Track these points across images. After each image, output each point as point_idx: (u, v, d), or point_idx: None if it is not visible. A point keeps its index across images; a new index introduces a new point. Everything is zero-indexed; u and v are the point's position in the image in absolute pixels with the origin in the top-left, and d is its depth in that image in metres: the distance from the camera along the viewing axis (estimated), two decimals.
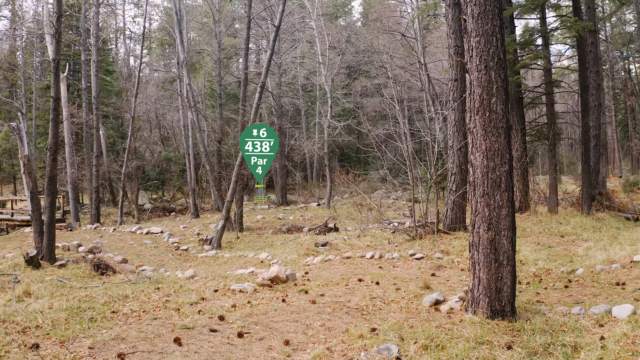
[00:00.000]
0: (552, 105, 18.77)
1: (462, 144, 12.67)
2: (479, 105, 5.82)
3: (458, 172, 12.58)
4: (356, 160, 44.65)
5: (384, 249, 11.32)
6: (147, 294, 8.02)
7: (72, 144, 21.71)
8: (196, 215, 22.52)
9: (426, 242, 11.42)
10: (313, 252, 13.53)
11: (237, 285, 7.91)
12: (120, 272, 13.11)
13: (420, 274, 8.94)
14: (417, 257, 10.04)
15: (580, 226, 15.00)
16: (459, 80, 12.96)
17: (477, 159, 5.79)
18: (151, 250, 15.39)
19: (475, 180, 5.80)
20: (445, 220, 12.59)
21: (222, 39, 24.18)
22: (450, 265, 9.50)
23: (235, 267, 12.58)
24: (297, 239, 16.43)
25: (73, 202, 21.87)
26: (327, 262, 10.76)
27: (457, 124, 12.78)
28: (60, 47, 14.66)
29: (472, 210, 5.86)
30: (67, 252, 15.49)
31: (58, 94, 14.41)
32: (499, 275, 5.73)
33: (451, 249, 10.69)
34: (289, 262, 12.26)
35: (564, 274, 9.20)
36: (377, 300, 6.76)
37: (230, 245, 16.21)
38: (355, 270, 9.56)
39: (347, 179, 22.48)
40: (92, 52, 20.59)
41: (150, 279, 11.01)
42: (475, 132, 5.82)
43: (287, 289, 7.86)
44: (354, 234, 16.93)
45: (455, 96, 12.89)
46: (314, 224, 20.02)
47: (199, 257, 14.65)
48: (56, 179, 14.69)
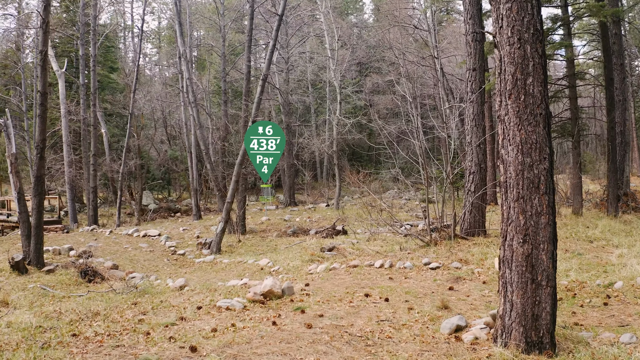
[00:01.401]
0: (575, 99, 17.48)
1: (481, 139, 11.49)
2: (512, 87, 4.68)
3: (477, 171, 11.39)
4: (367, 159, 43.49)
5: (394, 256, 10.19)
6: (121, 311, 6.99)
7: (69, 142, 20.83)
8: (198, 217, 21.52)
9: (442, 249, 10.26)
10: (318, 258, 12.44)
11: (224, 302, 6.84)
12: (109, 279, 12.14)
13: (436, 287, 7.79)
14: (432, 267, 8.90)
15: (609, 230, 13.77)
16: (477, 70, 11.78)
17: (509, 153, 4.65)
18: (146, 254, 14.40)
19: (507, 180, 4.66)
20: (463, 224, 11.41)
21: (226, 33, 23.18)
22: (470, 277, 8.35)
23: (232, 275, 11.54)
24: (302, 242, 15.36)
25: (71, 202, 20.99)
26: (331, 272, 9.66)
27: (476, 117, 11.59)
28: (47, 38, 13.70)
29: (503, 217, 4.72)
30: (58, 257, 14.57)
31: (45, 88, 13.44)
32: (537, 298, 4.59)
33: (470, 257, 9.53)
34: (290, 270, 11.20)
35: (601, 287, 8.02)
36: (386, 325, 5.64)
37: (231, 249, 15.17)
38: (362, 281, 8.45)
39: (357, 179, 21.37)
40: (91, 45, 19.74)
41: (137, 289, 10.05)
42: (508, 120, 4.68)
43: (282, 306, 6.78)
44: (364, 237, 15.82)
45: (473, 87, 11.70)
46: (322, 226, 18.92)
47: (196, 262, 13.63)
48: (44, 179, 13.75)
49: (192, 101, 17.29)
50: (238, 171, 14.23)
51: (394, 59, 28.41)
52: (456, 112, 13.03)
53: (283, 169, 30.88)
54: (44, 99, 13.42)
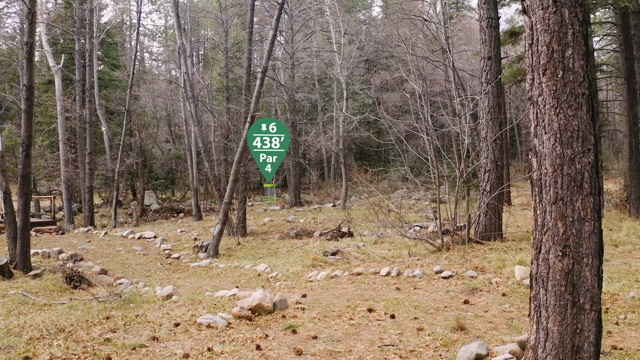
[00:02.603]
0: (595, 92, 16.44)
1: (497, 135, 10.52)
2: (547, 61, 3.74)
3: (493, 168, 10.42)
4: (376, 158, 42.52)
5: (403, 262, 9.25)
6: (88, 328, 6.13)
7: (66, 141, 20.09)
8: (199, 218, 20.68)
9: (455, 255, 9.31)
10: (320, 263, 11.55)
11: (206, 318, 5.96)
12: (96, 285, 11.35)
13: (449, 300, 6.86)
14: (445, 276, 7.96)
15: (634, 233, 12.75)
16: (492, 59, 10.80)
17: (544, 144, 3.71)
18: (139, 258, 13.58)
19: (541, 177, 3.73)
20: (477, 226, 10.44)
21: (229, 28, 22.35)
22: (487, 288, 7.40)
23: (226, 282, 10.68)
24: (305, 245, 14.47)
25: (67, 202, 20.24)
26: (332, 280, 8.76)
27: (492, 110, 10.62)
28: (34, 29, 12.94)
29: (537, 224, 3.78)
30: (47, 260, 13.82)
31: (31, 81, 12.67)
32: (578, 326, 3.65)
33: (486, 264, 8.57)
34: (289, 276, 10.32)
35: (636, 300, 7.05)
36: (390, 352, 4.72)
37: (229, 252, 14.32)
38: (366, 292, 7.54)
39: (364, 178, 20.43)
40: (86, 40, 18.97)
41: (120, 297, 9.26)
42: (542, 102, 3.75)
43: (271, 323, 5.89)
44: (370, 240, 14.90)
45: (488, 77, 10.73)
46: (326, 228, 18.03)
47: (190, 266, 12.79)
48: (30, 178, 13.02)
49: (190, 96, 16.45)
50: (236, 169, 13.37)
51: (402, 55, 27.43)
52: (469, 105, 12.06)
53: (289, 168, 30.01)
54: (30, 93, 12.65)
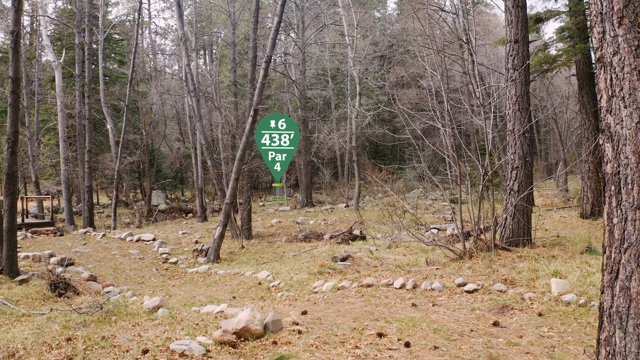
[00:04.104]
0: None
1: (526, 127, 9.34)
2: (625, 5, 2.62)
3: (522, 165, 9.24)
4: (391, 157, 41.32)
5: (419, 272, 8.13)
6: (41, 354, 5.14)
7: (66, 138, 19.28)
8: (203, 219, 19.72)
9: (479, 264, 8.16)
10: (328, 270, 10.49)
11: (181, 344, 4.93)
12: (83, 293, 10.46)
13: (475, 321, 5.74)
14: (469, 290, 6.83)
15: None
16: (520, 42, 9.62)
17: (623, 122, 2.60)
18: (134, 262, 12.64)
19: (619, 169, 2.61)
20: (504, 231, 9.27)
21: (236, 21, 21.39)
22: (519, 305, 6.26)
23: (223, 291, 9.68)
24: (313, 249, 13.42)
25: (67, 202, 19.43)
26: (339, 292, 7.68)
27: (520, 100, 9.44)
28: (19, 17, 12.08)
29: (611, 236, 2.67)
30: (37, 264, 12.95)
31: (17, 73, 11.80)
32: None
33: (516, 275, 7.41)
34: (293, 286, 9.29)
35: None
36: None
37: (231, 257, 13.31)
38: (377, 308, 6.45)
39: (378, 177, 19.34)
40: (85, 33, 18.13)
41: (102, 308, 8.37)
42: (618, 63, 2.63)
43: (258, 351, 4.84)
44: (384, 243, 13.79)
45: (515, 63, 9.55)
46: (337, 230, 16.95)
47: (188, 272, 11.80)
48: (17, 176, 12.17)
49: (191, 90, 15.47)
50: (238, 167, 12.35)
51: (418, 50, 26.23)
52: (493, 94, 10.88)
53: (300, 167, 28.97)
54: (16, 85, 11.77)
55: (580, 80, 14.89)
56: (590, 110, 14.40)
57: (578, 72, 14.91)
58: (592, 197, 14.33)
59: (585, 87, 14.60)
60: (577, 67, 14.92)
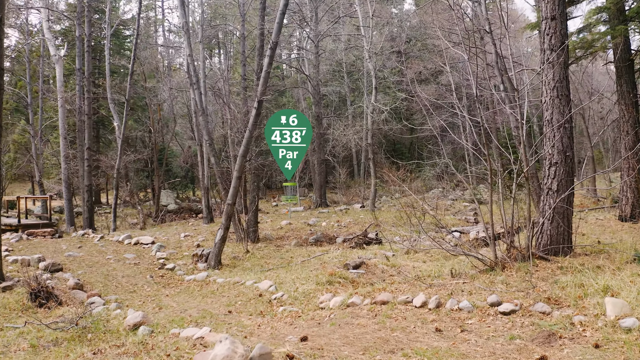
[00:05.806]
0: None
1: (567, 116, 8.07)
2: None
3: (561, 161, 7.97)
4: (409, 155, 39.97)
5: (443, 286, 6.93)
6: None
7: (66, 135, 18.42)
8: (210, 220, 18.69)
9: (514, 276, 6.92)
10: (339, 279, 9.33)
11: None
12: (66, 304, 9.47)
13: (516, 354, 4.55)
14: (504, 311, 5.62)
15: None
16: (557, 19, 8.35)
17: None
18: (128, 268, 11.62)
19: None
20: (540, 237, 8.01)
21: (245, 11, 20.35)
22: (568, 333, 5.04)
23: (220, 303, 8.60)
24: (324, 254, 12.26)
25: (67, 202, 18.57)
26: (349, 310, 6.53)
27: (558, 85, 8.17)
28: (4, 4, 11.11)
29: None
30: (26, 269, 12.00)
31: (1, 63, 10.85)
32: None
33: (560, 292, 6.16)
34: (297, 298, 8.18)
35: None
36: None
37: (234, 262, 12.23)
38: (392, 334, 5.29)
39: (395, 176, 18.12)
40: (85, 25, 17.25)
41: (77, 324, 7.39)
42: None
43: None
44: (401, 248, 12.60)
45: (552, 43, 8.28)
46: (351, 232, 15.77)
47: (185, 280, 10.75)
48: (2, 176, 11.24)
49: (194, 82, 14.44)
50: (241, 164, 11.27)
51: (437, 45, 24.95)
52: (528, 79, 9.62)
53: (314, 166, 27.83)
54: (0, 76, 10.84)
55: (618, 67, 13.52)
56: (630, 101, 13.02)
57: (616, 58, 13.53)
58: (632, 197, 12.94)
59: (625, 75, 13.22)
60: (615, 53, 13.54)
